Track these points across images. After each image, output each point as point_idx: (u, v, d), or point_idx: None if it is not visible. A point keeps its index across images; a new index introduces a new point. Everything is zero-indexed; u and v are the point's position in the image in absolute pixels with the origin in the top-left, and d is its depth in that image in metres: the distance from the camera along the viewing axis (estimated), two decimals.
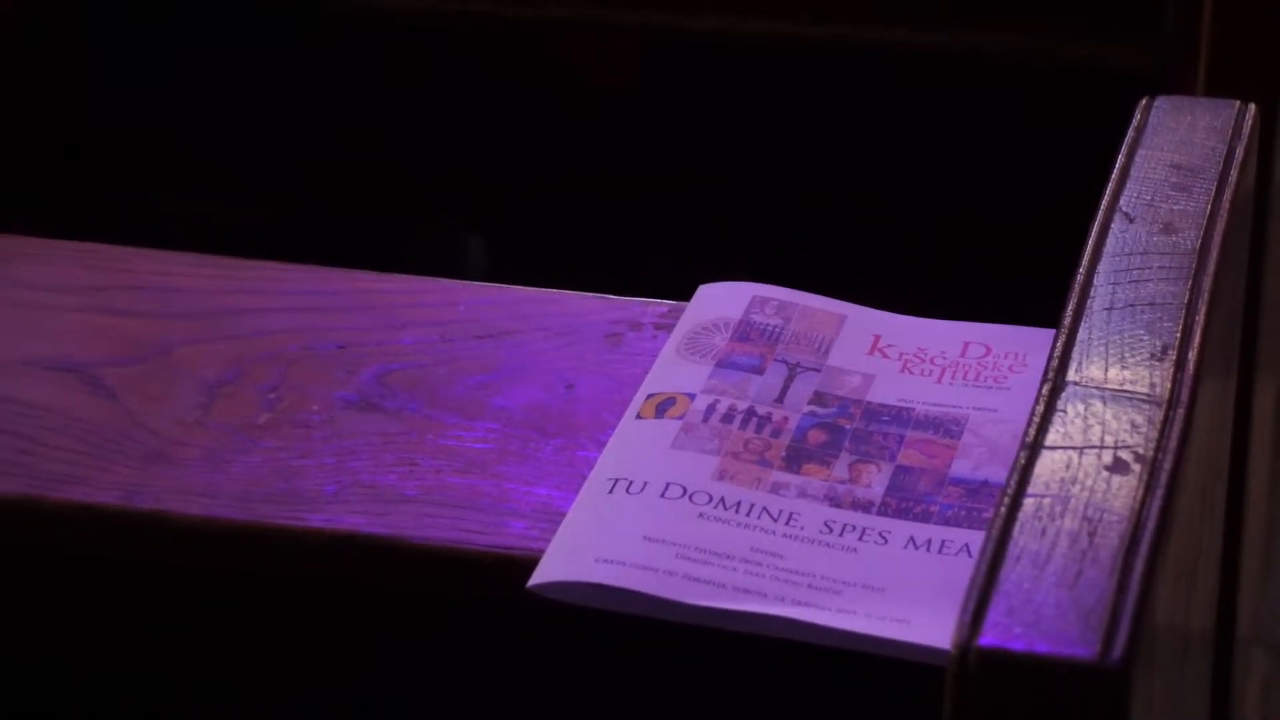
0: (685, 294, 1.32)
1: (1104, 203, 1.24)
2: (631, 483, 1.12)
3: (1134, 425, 1.05)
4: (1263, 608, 2.22)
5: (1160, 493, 0.99)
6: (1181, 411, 1.06)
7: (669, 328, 1.26)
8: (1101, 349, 1.11)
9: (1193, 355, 1.11)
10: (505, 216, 2.59)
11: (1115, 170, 1.26)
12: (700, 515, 1.09)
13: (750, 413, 1.17)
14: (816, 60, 2.25)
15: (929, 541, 1.06)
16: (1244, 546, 1.70)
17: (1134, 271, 1.18)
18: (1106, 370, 1.09)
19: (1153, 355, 1.11)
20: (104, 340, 1.29)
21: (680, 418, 1.17)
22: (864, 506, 1.10)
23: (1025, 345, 1.22)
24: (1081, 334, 1.12)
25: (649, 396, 1.19)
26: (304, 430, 1.20)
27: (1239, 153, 1.30)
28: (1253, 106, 1.34)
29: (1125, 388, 1.08)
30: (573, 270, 2.67)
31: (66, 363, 1.27)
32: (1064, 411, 1.06)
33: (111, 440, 1.20)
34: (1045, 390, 1.08)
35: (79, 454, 1.19)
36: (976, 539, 1.03)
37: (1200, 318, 1.14)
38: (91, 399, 1.24)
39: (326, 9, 2.30)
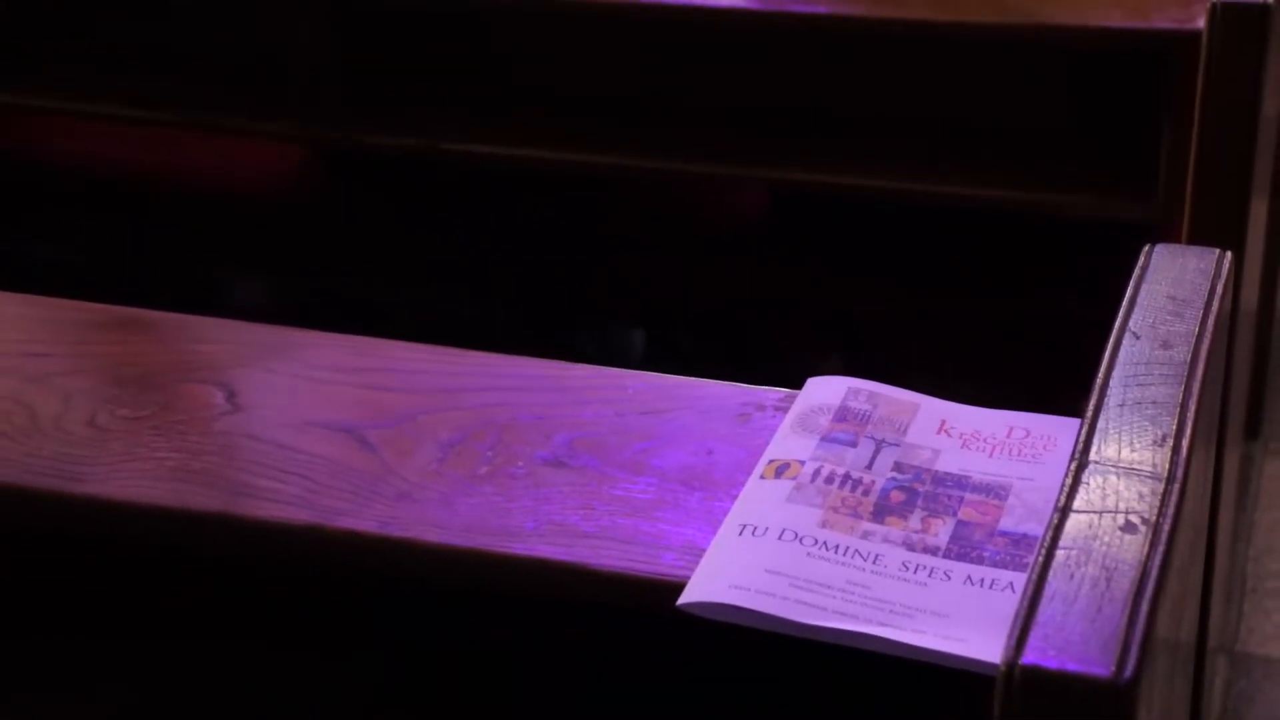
0: (797, 384, 1.31)
1: (1117, 324, 1.23)
2: (756, 528, 1.11)
3: (1141, 496, 1.04)
4: (1225, 624, 2.20)
5: (1161, 549, 0.99)
6: (1177, 486, 1.06)
7: (785, 410, 1.25)
8: (1116, 436, 1.10)
9: (1185, 442, 1.10)
10: (661, 317, 2.59)
11: (1125, 300, 1.26)
12: (808, 554, 1.08)
13: (846, 476, 1.15)
14: (886, 208, 2.22)
15: (983, 580, 1.05)
16: (1214, 577, 1.67)
17: (1140, 377, 1.17)
18: (1120, 452, 1.08)
19: (1155, 441, 1.09)
20: (367, 408, 1.30)
21: (793, 479, 1.15)
22: (932, 551, 1.08)
23: (1056, 430, 1.20)
24: (1100, 423, 1.11)
25: (770, 462, 1.18)
26: (511, 480, 1.20)
27: (1219, 288, 1.29)
28: (1229, 254, 1.32)
29: (1134, 466, 1.07)
30: (713, 361, 2.68)
31: (340, 424, 1.27)
32: (1087, 484, 1.05)
33: (372, 483, 1.20)
34: (1073, 467, 1.07)
35: (349, 493, 1.19)
36: (1019, 579, 1.03)
37: (1191, 413, 1.13)
38: (359, 452, 1.24)
39: (517, 171, 2.29)
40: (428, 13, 2.31)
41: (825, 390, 1.26)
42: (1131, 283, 1.28)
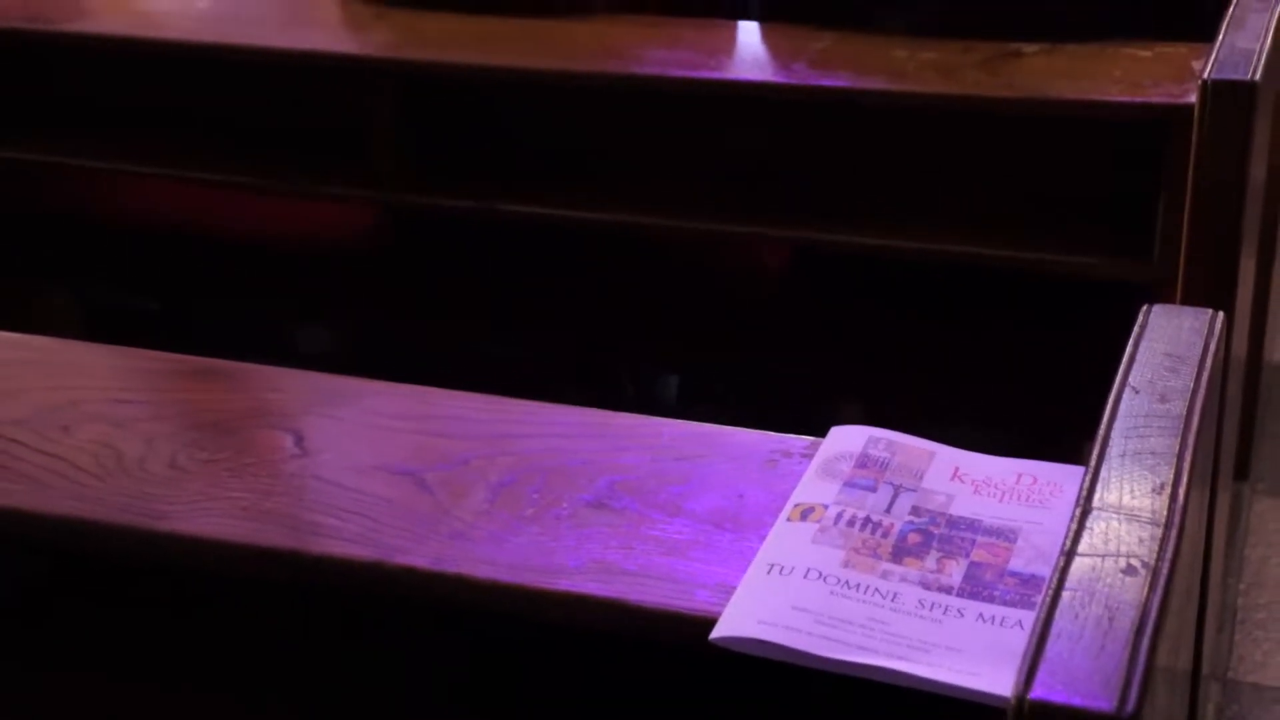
0: (821, 426, 1.30)
1: (1117, 380, 1.22)
2: (783, 567, 1.10)
3: (1141, 540, 1.03)
4: (1218, 652, 2.19)
5: (1160, 591, 0.99)
6: (1175, 531, 1.05)
7: (810, 456, 1.24)
8: (1117, 484, 1.09)
9: (1182, 490, 1.09)
10: (696, 364, 2.59)
11: (1124, 357, 1.25)
12: (831, 592, 1.07)
13: (867, 520, 1.14)
14: (904, 266, 2.21)
15: (994, 617, 1.04)
16: (1208, 609, 1.65)
17: (1140, 429, 1.16)
18: (1121, 499, 1.07)
19: (1154, 489, 1.08)
20: (425, 453, 1.29)
21: (818, 522, 1.14)
22: (946, 590, 1.07)
23: (1062, 477, 1.18)
24: (1103, 472, 1.10)
25: (796, 505, 1.17)
26: (556, 521, 1.19)
27: (1212, 346, 1.28)
28: (1221, 314, 1.30)
29: (1135, 513, 1.06)
30: (743, 405, 2.67)
31: (400, 468, 1.27)
32: (1091, 529, 1.05)
33: (428, 523, 1.20)
34: (1077, 512, 1.06)
35: (407, 531, 1.19)
36: (1028, 618, 1.02)
37: (1187, 463, 1.12)
38: (416, 493, 1.24)
39: (567, 230, 2.30)
40: (487, 89, 2.31)
41: (847, 439, 1.25)
42: (1131, 341, 1.27)
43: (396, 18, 2.41)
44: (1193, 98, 1.90)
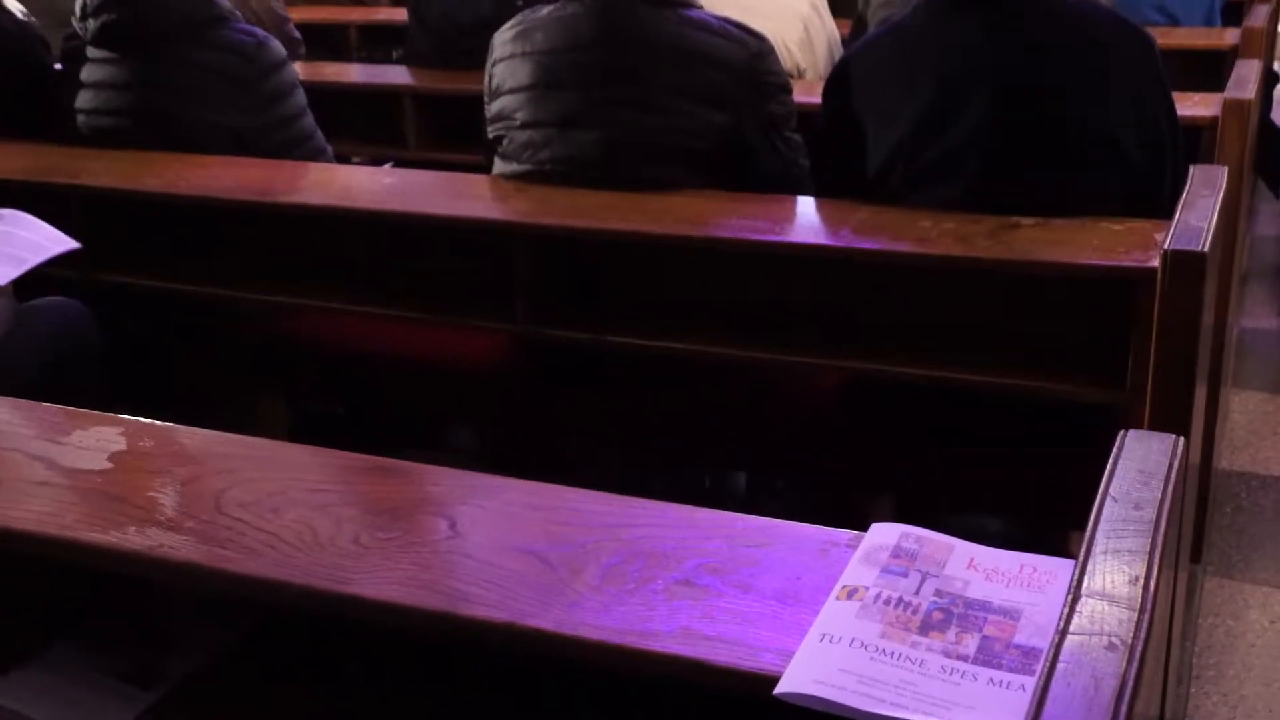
0: (861, 520, 1.28)
1: (1100, 491, 1.20)
2: (833, 636, 1.09)
3: (1121, 622, 1.02)
4: (1177, 703, 2.15)
5: (1136, 664, 0.98)
6: (1148, 615, 1.03)
7: (855, 547, 1.23)
8: (1101, 576, 1.08)
9: (1153, 582, 1.07)
10: (761, 465, 2.57)
11: (1106, 473, 1.22)
12: (870, 658, 1.05)
13: (900, 600, 1.12)
14: (928, 389, 2.19)
15: (1002, 682, 1.02)
16: (1170, 667, 1.61)
17: (1119, 531, 1.14)
18: (1105, 588, 1.06)
19: (1131, 581, 1.07)
20: (550, 537, 1.29)
21: (861, 600, 1.13)
22: (964, 658, 1.05)
23: (1056, 568, 1.15)
24: (1089, 566, 1.09)
25: (843, 586, 1.15)
26: (652, 595, 1.18)
27: (1175, 464, 1.25)
28: (1182, 439, 1.28)
29: (1116, 600, 1.05)
30: (798, 498, 2.65)
31: (530, 549, 1.27)
32: (1080, 612, 1.04)
33: (551, 593, 1.19)
34: (1069, 598, 1.05)
35: (534, 600, 1.18)
36: (1030, 683, 1.01)
37: (1157, 560, 1.10)
38: (543, 570, 1.24)
39: (661, 357, 2.30)
40: (600, 246, 2.33)
41: (884, 534, 1.23)
42: (1111, 459, 1.24)
43: (533, 192, 2.43)
44: (1156, 263, 1.90)
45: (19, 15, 3.09)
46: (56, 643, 1.59)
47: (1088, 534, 1.12)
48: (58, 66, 2.98)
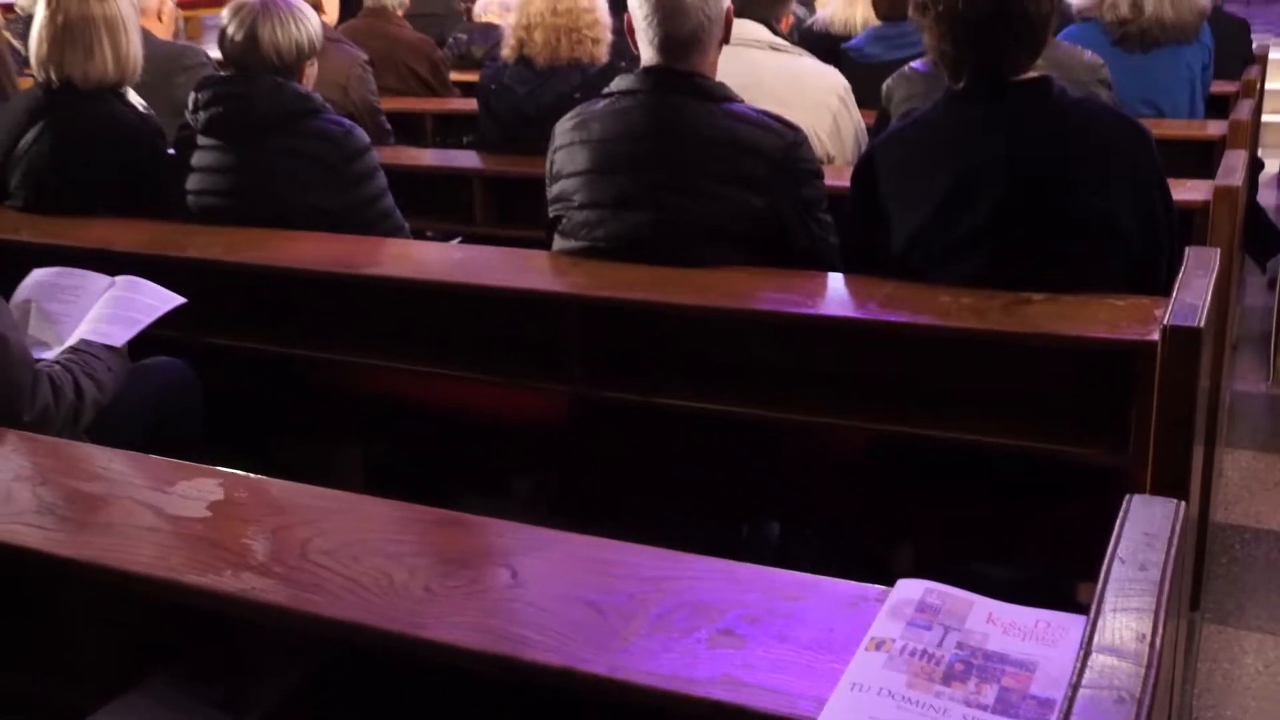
0: (885, 569, 1.26)
1: (1108, 552, 1.17)
2: (863, 685, 1.07)
3: (1129, 676, 0.99)
4: None
5: (1145, 717, 0.92)
6: (1154, 670, 1.01)
7: (883, 601, 1.21)
8: (1111, 632, 1.06)
9: (1159, 639, 1.05)
10: (793, 517, 2.54)
11: (1113, 535, 1.20)
12: (898, 707, 1.04)
13: (924, 651, 1.11)
14: (951, 449, 2.16)
15: None
16: (1172, 711, 1.57)
17: (1127, 590, 1.12)
18: (1114, 643, 1.03)
19: (1138, 638, 1.04)
20: (603, 588, 1.28)
21: (888, 652, 1.11)
22: (983, 708, 1.03)
23: (1069, 624, 1.14)
24: (1100, 623, 1.07)
25: (872, 638, 1.14)
26: (696, 643, 1.18)
27: (1176, 527, 1.22)
28: (1183, 503, 1.25)
29: (1125, 655, 1.02)
30: (828, 549, 2.61)
31: (585, 598, 1.27)
32: (1091, 667, 1.01)
33: (604, 640, 1.19)
34: (1081, 653, 1.02)
35: (589, 645, 1.18)
36: None
37: (1162, 617, 1.07)
38: (596, 618, 1.23)
39: (704, 417, 2.28)
40: (649, 316, 2.32)
41: (909, 589, 1.21)
42: (1117, 523, 1.22)
43: (587, 265, 2.43)
44: (1156, 336, 1.88)
45: (140, 109, 3.15)
46: (155, 673, 1.58)
47: (1097, 592, 1.10)
48: (171, 152, 3.02)
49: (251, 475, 1.58)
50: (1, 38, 3.34)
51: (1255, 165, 4.52)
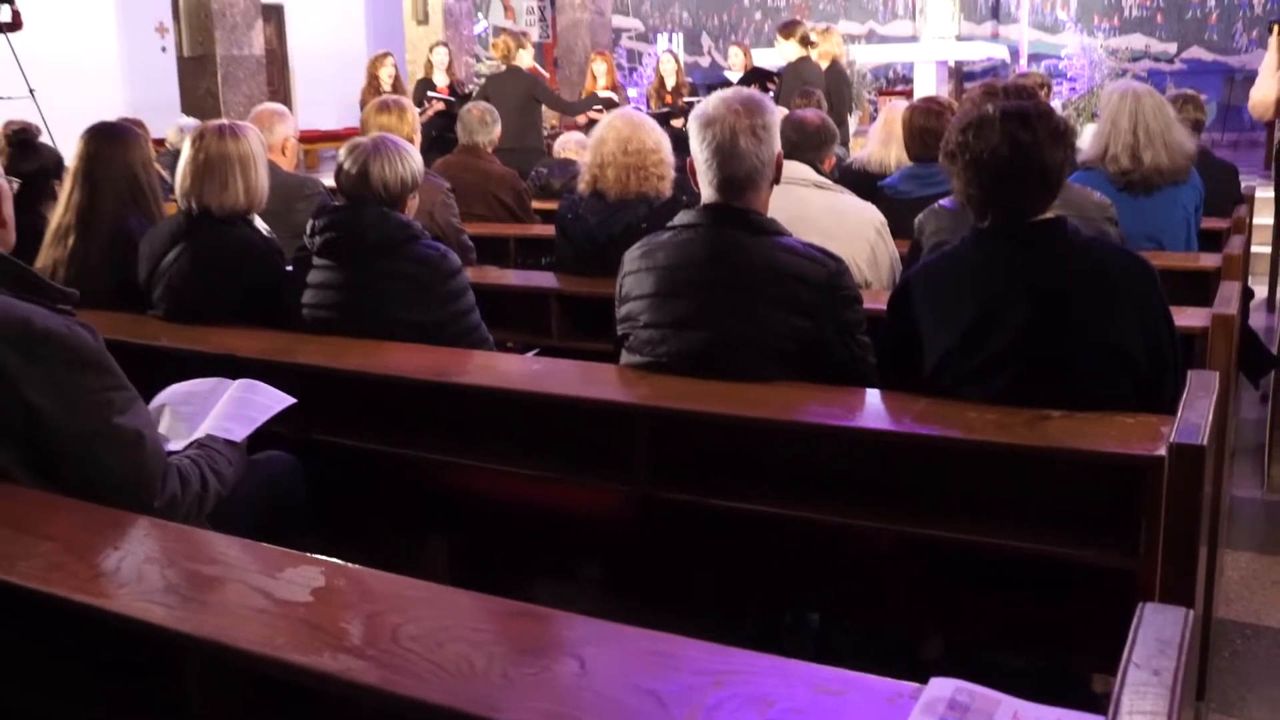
0: (921, 670, 1.22)
1: (1124, 658, 1.14)
2: None
3: None
4: None
5: None
6: None
7: (917, 697, 1.17)
8: None
9: None
10: (830, 609, 2.49)
11: (1128, 641, 1.16)
12: None
13: None
14: (977, 553, 2.11)
15: None
16: None
17: (1141, 692, 1.08)
18: None
19: None
20: (662, 679, 1.25)
21: None
22: None
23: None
24: None
25: None
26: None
27: (1187, 634, 1.18)
28: (1191, 611, 1.21)
29: None
30: (862, 638, 2.55)
31: (645, 688, 1.23)
32: None
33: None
34: None
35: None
36: None
37: (1175, 718, 1.02)
38: (656, 706, 1.21)
39: (754, 518, 2.25)
40: (707, 426, 2.30)
41: (942, 687, 1.18)
42: (1132, 629, 1.18)
43: (652, 379, 2.44)
44: (1163, 452, 1.85)
45: (265, 233, 3.24)
46: None
47: (1114, 695, 1.06)
48: (289, 269, 3.08)
49: (350, 565, 1.58)
50: (154, 171, 3.44)
51: (1246, 293, 4.48)
